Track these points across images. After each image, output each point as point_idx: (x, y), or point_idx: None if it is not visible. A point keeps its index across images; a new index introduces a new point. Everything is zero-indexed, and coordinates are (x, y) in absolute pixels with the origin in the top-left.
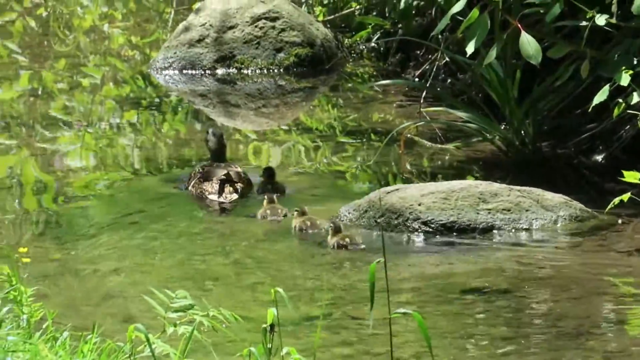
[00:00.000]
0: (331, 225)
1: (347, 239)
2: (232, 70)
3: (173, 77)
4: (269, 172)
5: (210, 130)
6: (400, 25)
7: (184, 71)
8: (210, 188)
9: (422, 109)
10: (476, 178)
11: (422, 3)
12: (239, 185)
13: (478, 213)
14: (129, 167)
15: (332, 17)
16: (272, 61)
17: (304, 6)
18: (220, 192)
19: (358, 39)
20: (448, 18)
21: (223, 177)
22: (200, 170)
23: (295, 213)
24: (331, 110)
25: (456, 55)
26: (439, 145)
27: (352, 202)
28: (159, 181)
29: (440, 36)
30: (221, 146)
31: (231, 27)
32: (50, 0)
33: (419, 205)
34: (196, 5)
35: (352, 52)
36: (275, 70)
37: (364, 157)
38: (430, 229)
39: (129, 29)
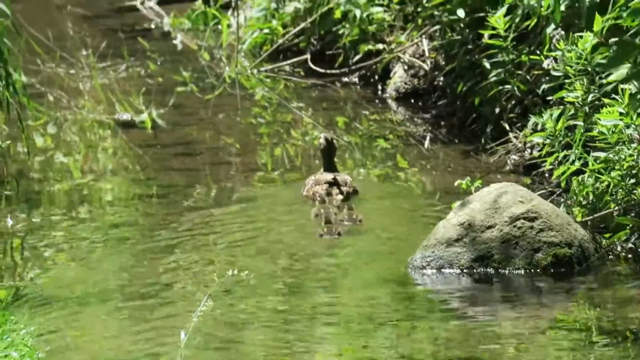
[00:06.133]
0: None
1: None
2: (489, 270)
3: (430, 276)
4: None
5: (322, 135)
6: None
7: (442, 270)
8: (321, 190)
9: None
10: None
11: None
12: (344, 189)
13: None
14: None
15: (591, 217)
16: (529, 261)
17: (562, 206)
18: (329, 194)
19: (616, 239)
20: None
21: (331, 180)
22: (313, 177)
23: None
24: (588, 311)
25: None
26: None
27: None
28: None
29: None
30: (332, 149)
31: (489, 227)
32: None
33: None
34: (455, 205)
35: (610, 252)
36: (532, 271)
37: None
38: None
39: (383, 226)
